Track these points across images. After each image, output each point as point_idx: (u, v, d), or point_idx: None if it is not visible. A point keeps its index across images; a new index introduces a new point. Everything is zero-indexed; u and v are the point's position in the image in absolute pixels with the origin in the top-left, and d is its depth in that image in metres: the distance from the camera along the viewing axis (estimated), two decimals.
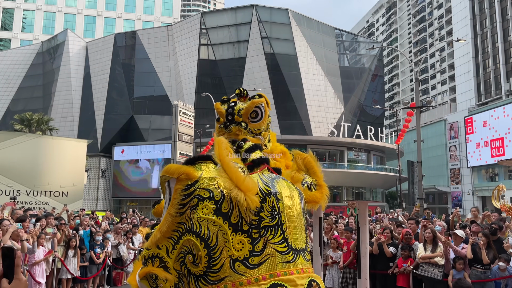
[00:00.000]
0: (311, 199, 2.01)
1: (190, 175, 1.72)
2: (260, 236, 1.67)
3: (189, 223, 1.68)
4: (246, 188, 1.64)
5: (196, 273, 1.63)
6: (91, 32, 65.90)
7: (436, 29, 75.62)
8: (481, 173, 53.24)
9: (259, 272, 1.63)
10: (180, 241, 1.68)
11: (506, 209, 11.36)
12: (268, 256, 1.66)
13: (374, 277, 8.40)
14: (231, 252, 1.63)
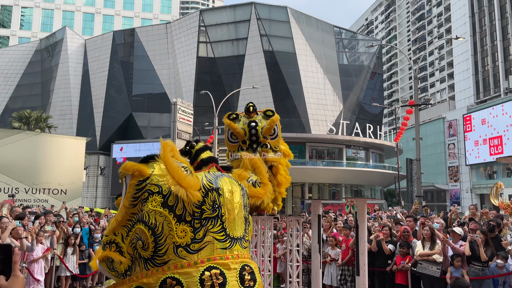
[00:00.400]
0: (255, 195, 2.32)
1: (142, 172, 1.98)
2: (201, 226, 1.94)
3: (140, 213, 1.94)
4: (188, 185, 1.92)
5: (145, 257, 1.91)
6: (89, 29, 65.75)
7: (435, 27, 75.62)
8: (479, 171, 53.34)
9: (198, 257, 1.91)
10: (132, 229, 1.95)
11: (504, 206, 11.39)
12: (207, 243, 1.94)
13: (372, 274, 8.43)
14: (175, 239, 1.89)
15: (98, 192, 46.78)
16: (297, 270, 5.89)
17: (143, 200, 1.95)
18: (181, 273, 1.87)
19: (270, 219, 6.24)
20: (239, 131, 4.70)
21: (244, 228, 2.08)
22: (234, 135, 4.77)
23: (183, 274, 1.86)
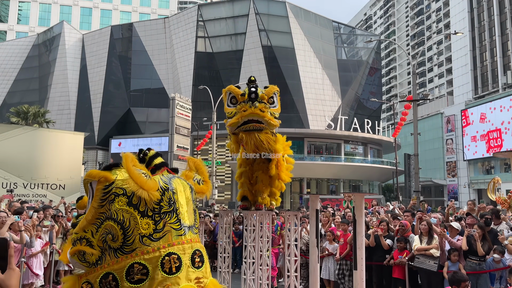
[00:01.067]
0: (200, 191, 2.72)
1: (108, 178, 2.38)
2: (161, 219, 2.38)
3: (108, 212, 2.35)
4: (148, 187, 2.34)
5: (115, 247, 2.32)
6: (87, 24, 65.49)
7: (434, 22, 75.51)
8: (477, 166, 53.48)
9: (160, 243, 2.34)
10: (102, 226, 2.34)
11: (502, 201, 11.44)
12: (166, 232, 2.38)
13: (370, 268, 8.48)
14: (140, 231, 2.33)
15: None
16: (295, 264, 5.93)
17: (110, 201, 2.35)
18: (146, 258, 2.30)
19: (268, 213, 6.27)
20: (239, 91, 4.80)
21: (194, 218, 2.57)
22: (235, 99, 4.82)
23: (148, 259, 2.30)
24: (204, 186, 2.77)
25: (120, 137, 47.42)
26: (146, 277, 2.26)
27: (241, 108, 4.77)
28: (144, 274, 2.26)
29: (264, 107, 4.73)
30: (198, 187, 2.73)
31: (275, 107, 4.95)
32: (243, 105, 4.78)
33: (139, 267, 2.25)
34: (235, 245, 12.11)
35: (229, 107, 4.97)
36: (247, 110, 4.68)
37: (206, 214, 15.95)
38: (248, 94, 4.76)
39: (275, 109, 4.96)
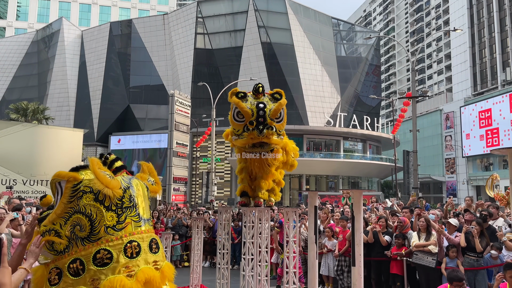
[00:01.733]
0: (153, 190, 3.13)
1: (76, 178, 2.74)
2: (123, 212, 2.77)
3: (77, 207, 2.71)
4: (112, 186, 2.70)
5: (82, 236, 2.68)
6: (86, 20, 65.32)
7: (433, 19, 75.40)
8: (476, 163, 53.57)
9: (122, 233, 2.73)
10: (70, 219, 2.69)
11: (500, 198, 11.49)
12: (127, 223, 2.77)
13: (369, 265, 8.52)
14: (105, 222, 2.69)
15: None
16: (293, 260, 5.96)
17: (78, 197, 2.71)
18: (111, 245, 2.69)
19: (267, 210, 6.30)
20: (246, 110, 4.75)
21: (149, 213, 3.02)
22: (241, 114, 4.77)
23: (112, 246, 2.69)
24: (156, 187, 3.19)
25: (119, 133, 47.43)
26: (110, 261, 2.65)
27: (249, 135, 4.79)
28: (109, 258, 2.66)
29: (271, 133, 4.75)
30: (152, 187, 3.13)
31: (280, 122, 4.92)
32: (251, 133, 4.76)
33: (104, 253, 2.65)
34: (234, 242, 12.15)
35: (236, 122, 4.91)
36: (255, 138, 4.74)
37: (206, 210, 16.00)
38: (256, 117, 4.73)
39: (280, 125, 4.94)
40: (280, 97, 4.94)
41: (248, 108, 4.75)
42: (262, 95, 4.99)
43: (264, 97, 4.97)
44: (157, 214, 14.06)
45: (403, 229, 8.61)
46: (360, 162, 46.40)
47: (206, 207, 19.64)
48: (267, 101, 4.88)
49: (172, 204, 19.89)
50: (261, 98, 4.93)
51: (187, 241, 13.11)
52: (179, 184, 33.42)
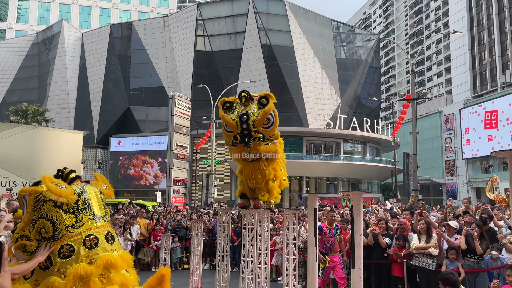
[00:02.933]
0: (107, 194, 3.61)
1: (36, 191, 3.20)
2: (79, 213, 3.26)
3: (40, 214, 3.19)
4: (65, 195, 3.21)
5: (47, 237, 3.16)
6: (86, 22, 65.42)
7: (433, 21, 75.51)
8: (475, 165, 53.56)
9: (81, 229, 3.23)
10: (36, 224, 3.18)
11: (500, 200, 11.49)
12: (85, 221, 3.27)
13: (368, 267, 8.51)
14: (65, 223, 3.19)
15: None
16: (293, 263, 5.96)
17: (40, 206, 3.18)
18: (72, 240, 3.18)
19: (266, 212, 6.30)
20: (231, 123, 4.81)
21: (104, 211, 3.49)
22: (228, 127, 4.91)
23: (73, 241, 3.19)
24: (109, 191, 3.70)
25: (119, 135, 47.45)
26: (73, 253, 3.16)
27: (237, 148, 5.03)
28: (71, 251, 3.16)
29: (258, 143, 4.85)
30: (105, 191, 3.63)
31: (270, 127, 4.97)
32: (238, 146, 4.97)
33: (67, 247, 3.16)
34: (234, 244, 12.14)
35: (227, 133, 5.13)
36: (243, 150, 5.02)
37: (205, 212, 15.97)
38: (240, 130, 4.87)
39: (271, 130, 4.99)
40: (266, 102, 4.93)
41: (233, 120, 4.80)
42: (249, 102, 5.00)
43: (252, 102, 4.98)
44: (156, 216, 14.05)
45: (403, 231, 8.61)
46: (360, 164, 46.39)
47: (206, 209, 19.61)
48: (252, 110, 4.89)
49: (172, 206, 19.87)
50: (248, 106, 4.94)
51: (187, 243, 13.10)
52: (179, 186, 33.41)
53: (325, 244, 8.54)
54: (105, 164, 47.71)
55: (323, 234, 8.44)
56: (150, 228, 13.14)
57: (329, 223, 8.63)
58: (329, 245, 8.55)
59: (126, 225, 12.29)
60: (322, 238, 8.39)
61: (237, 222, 12.77)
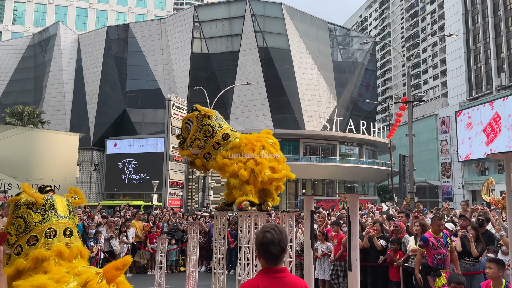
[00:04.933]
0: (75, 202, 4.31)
1: (17, 199, 3.99)
2: (46, 212, 3.96)
3: (17, 215, 3.97)
4: (36, 197, 3.93)
5: (21, 231, 3.91)
6: (83, 24, 65.29)
7: (429, 24, 75.90)
8: (471, 167, 53.78)
9: (45, 225, 3.92)
10: (15, 222, 3.94)
11: (496, 202, 11.52)
12: (49, 219, 3.95)
13: (365, 270, 8.52)
14: (33, 220, 3.91)
15: (92, 188, 46.65)
16: (290, 265, 5.95)
17: (18, 209, 3.97)
18: (37, 232, 3.88)
19: (263, 214, 6.30)
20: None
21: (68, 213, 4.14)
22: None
23: (37, 233, 3.88)
24: (79, 200, 4.45)
25: (115, 137, 47.32)
26: (37, 242, 3.91)
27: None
28: (36, 240, 3.90)
29: (180, 151, 6.21)
30: (74, 200, 4.37)
31: (188, 134, 6.05)
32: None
33: (33, 237, 3.93)
34: (231, 246, 12.11)
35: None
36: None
37: (201, 215, 15.94)
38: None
39: (189, 137, 6.01)
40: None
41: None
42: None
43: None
44: (152, 219, 14.01)
45: (399, 233, 8.63)
46: (356, 167, 46.49)
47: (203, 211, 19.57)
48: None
49: (168, 209, 19.82)
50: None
51: (183, 245, 13.06)
52: (176, 189, 33.35)
53: (436, 257, 6.90)
54: (101, 166, 47.56)
55: (430, 246, 6.91)
56: (146, 230, 13.09)
57: (436, 232, 7.02)
58: (441, 258, 6.87)
59: (122, 227, 12.25)
60: (431, 251, 6.92)
61: (233, 224, 12.76)
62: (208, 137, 5.89)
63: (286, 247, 2.71)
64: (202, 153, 5.93)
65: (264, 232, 2.70)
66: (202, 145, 5.90)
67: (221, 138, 5.89)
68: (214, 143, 5.88)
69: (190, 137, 5.98)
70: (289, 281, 2.71)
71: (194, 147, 5.90)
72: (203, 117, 5.95)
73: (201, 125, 5.91)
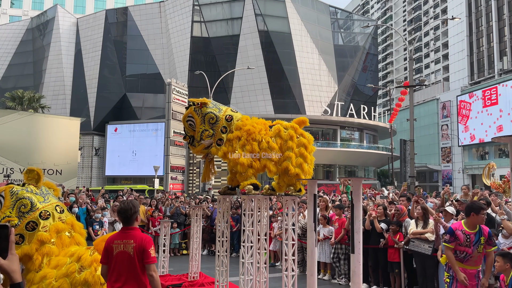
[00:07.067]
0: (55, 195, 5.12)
1: (11, 187, 4.67)
2: (45, 195, 4.84)
3: (17, 198, 4.58)
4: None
5: (25, 211, 4.57)
6: (81, 8, 64.68)
7: (431, 7, 75.09)
8: (471, 152, 53.83)
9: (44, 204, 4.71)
10: (15, 205, 4.54)
11: (496, 186, 11.61)
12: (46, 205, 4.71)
13: (366, 252, 8.62)
14: (38, 200, 4.68)
15: (93, 172, 46.80)
16: (292, 248, 6.03)
17: (16, 194, 4.65)
18: (32, 218, 4.57)
19: (266, 199, 6.36)
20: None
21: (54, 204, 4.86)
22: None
23: (33, 218, 4.57)
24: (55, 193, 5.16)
25: (116, 122, 47.26)
26: (37, 227, 4.57)
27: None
28: (36, 225, 4.56)
29: (193, 150, 6.07)
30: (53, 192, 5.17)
31: (194, 130, 5.91)
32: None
33: (32, 223, 4.56)
34: (233, 230, 12.23)
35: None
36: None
37: (204, 199, 16.05)
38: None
39: (196, 132, 5.88)
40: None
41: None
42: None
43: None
44: (155, 203, 14.11)
45: (400, 217, 8.71)
46: (357, 151, 46.56)
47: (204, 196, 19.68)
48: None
49: (171, 193, 19.93)
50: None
51: (186, 229, 13.18)
52: (177, 173, 33.47)
53: (456, 254, 5.34)
54: (102, 150, 47.63)
55: (456, 241, 5.28)
56: (149, 214, 13.20)
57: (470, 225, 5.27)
58: (462, 257, 5.32)
59: None
60: (455, 246, 5.33)
61: (235, 208, 12.86)
62: (213, 124, 5.82)
63: (131, 215, 4.00)
64: (215, 141, 5.86)
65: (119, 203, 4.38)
66: (211, 134, 5.82)
67: (225, 121, 5.89)
68: (221, 128, 5.83)
69: (197, 131, 5.86)
70: (134, 234, 3.94)
71: (205, 138, 5.80)
72: (201, 108, 5.88)
73: (203, 116, 5.82)
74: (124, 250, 3.89)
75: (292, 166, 5.57)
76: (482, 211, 5.20)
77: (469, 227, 5.25)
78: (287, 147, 5.65)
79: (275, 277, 8.57)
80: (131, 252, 3.87)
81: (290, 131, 5.75)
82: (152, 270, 3.87)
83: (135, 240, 3.90)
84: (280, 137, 5.73)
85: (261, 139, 5.74)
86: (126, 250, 3.88)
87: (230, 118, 5.89)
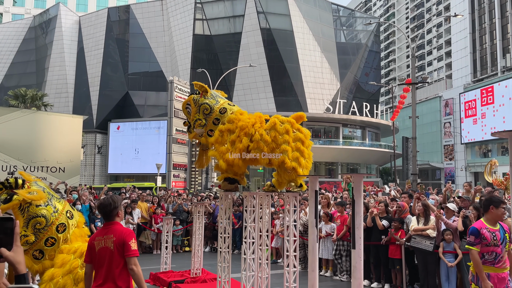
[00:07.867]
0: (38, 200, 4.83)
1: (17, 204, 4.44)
2: (53, 202, 4.69)
3: (30, 216, 4.52)
4: (40, 197, 4.52)
5: (41, 228, 4.50)
6: (83, 6, 64.70)
7: (434, 5, 74.83)
8: (474, 150, 53.70)
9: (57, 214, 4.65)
10: (30, 223, 4.51)
11: (498, 183, 11.61)
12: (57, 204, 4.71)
13: (367, 249, 8.64)
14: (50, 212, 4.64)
15: (96, 170, 46.94)
16: (294, 244, 6.06)
17: (26, 211, 4.49)
18: (51, 234, 4.58)
19: (267, 195, 6.39)
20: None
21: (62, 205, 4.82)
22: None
23: (52, 234, 4.58)
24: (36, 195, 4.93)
25: (118, 120, 47.37)
26: (55, 242, 4.56)
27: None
28: (54, 240, 4.57)
29: (189, 136, 6.37)
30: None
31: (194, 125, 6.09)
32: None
33: (51, 240, 4.55)
34: (235, 227, 12.27)
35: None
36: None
37: (206, 196, 16.11)
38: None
39: (191, 120, 6.14)
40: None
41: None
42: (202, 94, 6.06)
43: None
44: (157, 200, 14.17)
45: (401, 213, 8.73)
46: (359, 149, 46.52)
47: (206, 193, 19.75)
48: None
49: (173, 190, 19.99)
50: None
51: (188, 226, 13.24)
52: (179, 171, 33.57)
53: (484, 257, 4.63)
54: (104, 148, 47.76)
55: (482, 241, 4.59)
56: (151, 211, 13.26)
57: (492, 221, 4.68)
58: (491, 259, 4.63)
59: (128, 208, 12.41)
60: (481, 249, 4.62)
61: (237, 205, 12.90)
62: (207, 115, 5.95)
63: (111, 210, 3.96)
64: (206, 131, 6.01)
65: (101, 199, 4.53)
66: (203, 124, 5.97)
67: (218, 113, 5.95)
68: (213, 119, 5.95)
69: (192, 119, 6.09)
70: (114, 228, 3.92)
71: (197, 127, 6.00)
72: (200, 97, 6.03)
73: (199, 105, 5.98)
74: (105, 245, 3.83)
75: (288, 159, 5.53)
76: (502, 204, 4.68)
77: (490, 223, 4.65)
78: (283, 141, 5.59)
79: (277, 274, 8.61)
80: (111, 246, 3.80)
81: (286, 125, 5.69)
82: (133, 263, 3.76)
83: (115, 234, 3.83)
84: (275, 130, 5.67)
85: (254, 132, 5.73)
86: (107, 245, 3.83)
87: (224, 110, 5.96)
